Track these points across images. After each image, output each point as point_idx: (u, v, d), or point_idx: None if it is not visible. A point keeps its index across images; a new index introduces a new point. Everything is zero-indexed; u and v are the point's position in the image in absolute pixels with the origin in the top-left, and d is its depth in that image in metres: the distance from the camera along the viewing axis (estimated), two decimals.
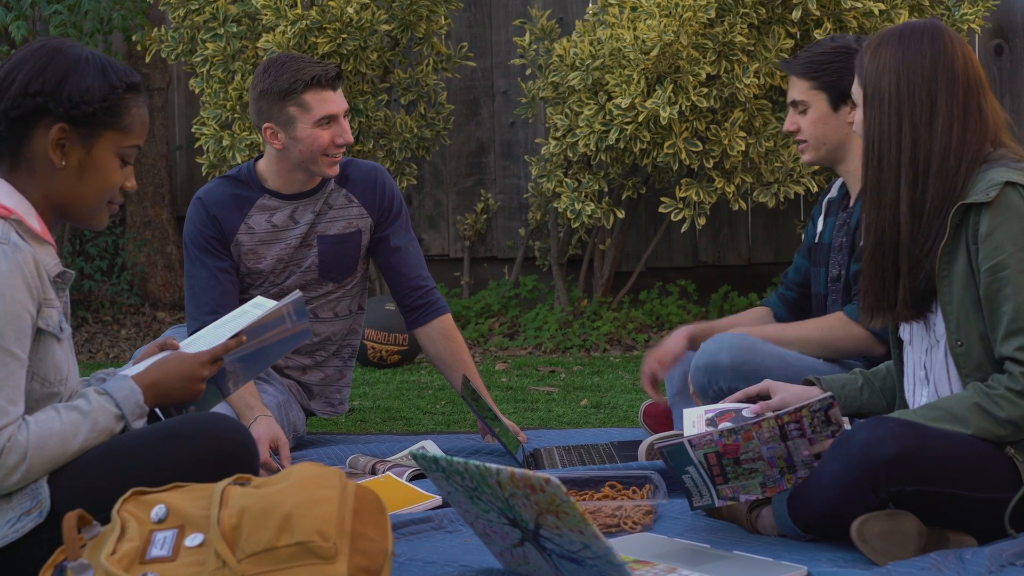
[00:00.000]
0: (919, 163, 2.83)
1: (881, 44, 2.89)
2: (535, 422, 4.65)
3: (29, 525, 2.46)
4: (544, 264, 6.77)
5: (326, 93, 3.88)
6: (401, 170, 6.32)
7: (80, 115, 2.55)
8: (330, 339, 4.15)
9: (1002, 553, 2.68)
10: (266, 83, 3.89)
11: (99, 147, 2.58)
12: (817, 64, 3.75)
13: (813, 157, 3.79)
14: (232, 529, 2.23)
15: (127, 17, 6.52)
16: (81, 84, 2.55)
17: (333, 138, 3.90)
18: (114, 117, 2.58)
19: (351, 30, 5.83)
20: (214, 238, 4.01)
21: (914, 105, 2.84)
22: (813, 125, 3.76)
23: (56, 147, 2.56)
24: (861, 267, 2.96)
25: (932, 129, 2.83)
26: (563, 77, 5.98)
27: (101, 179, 2.60)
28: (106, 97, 2.56)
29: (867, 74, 2.89)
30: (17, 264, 2.46)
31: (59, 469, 2.51)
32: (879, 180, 2.87)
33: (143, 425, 2.62)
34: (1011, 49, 6.84)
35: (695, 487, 2.88)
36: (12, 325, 2.45)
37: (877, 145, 2.87)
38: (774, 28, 5.83)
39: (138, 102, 2.61)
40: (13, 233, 2.50)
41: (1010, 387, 2.74)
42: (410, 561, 2.78)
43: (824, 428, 2.81)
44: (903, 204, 2.84)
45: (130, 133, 2.61)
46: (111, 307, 6.91)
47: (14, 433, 2.45)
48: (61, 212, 2.62)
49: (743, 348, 3.51)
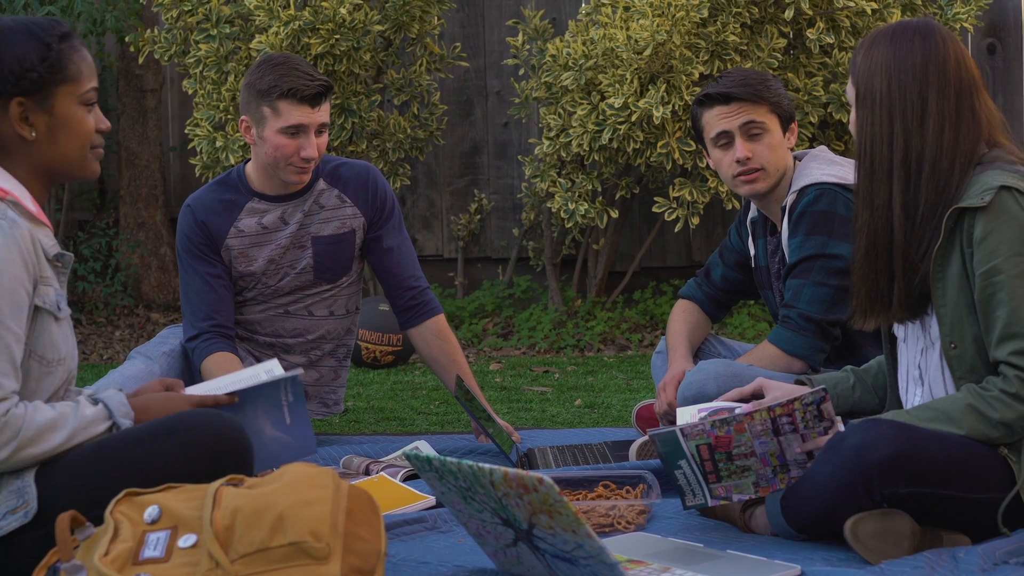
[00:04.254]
0: (911, 164, 2.82)
1: (873, 44, 2.88)
2: (529, 422, 4.65)
3: (14, 524, 2.46)
4: (538, 264, 6.77)
5: (303, 107, 3.85)
6: (395, 170, 6.32)
7: (29, 84, 2.55)
8: (325, 337, 4.15)
9: (995, 551, 2.68)
10: (252, 77, 3.90)
11: (59, 105, 2.59)
12: (767, 87, 3.69)
13: (767, 186, 3.70)
14: (225, 530, 2.23)
15: (120, 18, 6.52)
16: (16, 54, 2.55)
17: (298, 149, 3.88)
18: (61, 72, 2.58)
19: (344, 31, 5.83)
20: (204, 244, 4.02)
21: (905, 106, 2.83)
22: (771, 151, 3.68)
23: (21, 121, 2.56)
24: (852, 268, 2.95)
25: (923, 130, 2.82)
26: (556, 77, 5.98)
27: (75, 132, 2.61)
28: (45, 57, 2.56)
29: (859, 74, 2.87)
30: (14, 239, 2.47)
31: (52, 468, 2.51)
32: (871, 182, 2.85)
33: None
34: (1004, 48, 6.84)
35: (688, 485, 2.89)
36: (7, 299, 2.45)
37: (869, 146, 2.85)
38: (767, 27, 5.83)
39: (75, 47, 2.61)
40: (10, 211, 2.50)
41: (1004, 389, 2.74)
42: (403, 561, 2.77)
43: (816, 423, 2.81)
44: (896, 206, 2.82)
45: (80, 79, 2.61)
46: (105, 308, 6.90)
47: (11, 407, 2.45)
48: (52, 177, 2.63)
49: (729, 375, 3.48)
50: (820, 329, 3.63)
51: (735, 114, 3.67)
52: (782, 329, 3.66)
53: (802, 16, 5.81)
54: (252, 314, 4.10)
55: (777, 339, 3.65)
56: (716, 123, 3.69)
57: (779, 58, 5.77)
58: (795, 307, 3.64)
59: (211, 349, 3.94)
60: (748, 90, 3.66)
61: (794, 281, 3.65)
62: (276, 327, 4.11)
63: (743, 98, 3.66)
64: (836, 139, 6.00)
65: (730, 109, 3.67)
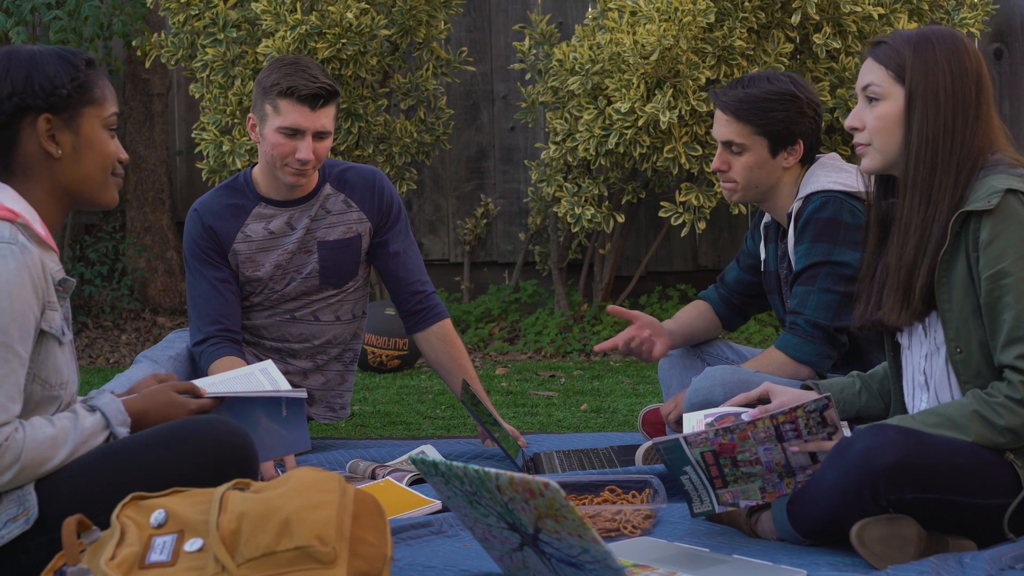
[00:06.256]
0: (967, 163, 2.83)
1: (922, 43, 2.86)
2: (535, 426, 4.65)
3: (16, 531, 2.47)
4: (544, 269, 6.77)
5: (302, 108, 3.85)
6: (401, 175, 6.33)
7: (58, 101, 2.60)
8: (331, 342, 4.15)
9: (1001, 557, 2.68)
10: (261, 75, 3.93)
11: (85, 125, 2.64)
12: (761, 110, 3.67)
13: (741, 198, 3.74)
14: (231, 534, 2.23)
15: (127, 22, 6.53)
16: (47, 73, 2.60)
17: (294, 151, 3.89)
18: (87, 93, 2.64)
19: (351, 35, 5.83)
20: (211, 249, 4.02)
21: (968, 104, 2.84)
22: (748, 169, 3.69)
23: (48, 138, 2.60)
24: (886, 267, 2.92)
25: (975, 131, 2.84)
26: (563, 82, 5.98)
27: (98, 153, 2.66)
28: (74, 77, 2.62)
29: (914, 70, 2.85)
30: (25, 264, 2.48)
31: (56, 475, 2.52)
32: (931, 178, 2.84)
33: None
34: (1011, 53, 6.84)
35: (695, 490, 2.88)
36: (16, 323, 2.47)
37: (931, 142, 2.84)
38: (773, 32, 5.83)
39: (100, 74, 2.69)
40: (21, 235, 2.51)
41: (1010, 395, 2.73)
42: (409, 565, 2.78)
43: (820, 430, 2.81)
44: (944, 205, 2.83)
45: (105, 103, 2.67)
46: (111, 312, 6.91)
47: (12, 433, 2.46)
48: (72, 199, 2.66)
49: (736, 382, 3.47)
50: (827, 335, 3.63)
51: (722, 126, 3.71)
52: (789, 335, 3.66)
53: (809, 21, 5.81)
54: (258, 319, 4.10)
55: (784, 345, 3.65)
56: (715, 126, 3.75)
57: (786, 63, 5.77)
58: (802, 313, 3.64)
59: (218, 353, 3.94)
60: (737, 107, 3.67)
61: (800, 288, 3.65)
62: (282, 332, 4.11)
63: (730, 113, 3.68)
64: (843, 144, 6.00)
65: (722, 118, 3.71)
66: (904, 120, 2.86)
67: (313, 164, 3.89)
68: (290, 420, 3.01)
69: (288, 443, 3.02)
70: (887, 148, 2.89)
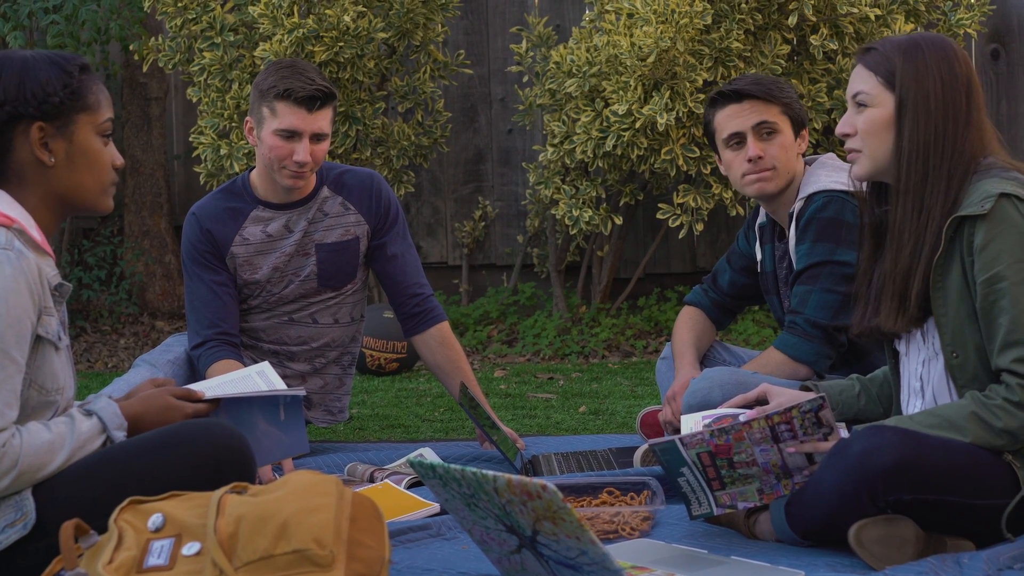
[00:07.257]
0: (959, 168, 2.83)
1: (912, 49, 2.86)
2: (533, 429, 4.65)
3: (13, 537, 2.47)
4: (542, 271, 6.77)
5: (299, 110, 3.86)
6: (399, 178, 6.33)
7: (51, 108, 2.58)
8: (329, 345, 4.15)
9: (999, 557, 2.68)
10: (260, 78, 3.93)
11: (79, 133, 2.62)
12: (782, 89, 3.71)
13: (776, 187, 3.70)
14: (229, 537, 2.23)
15: (124, 27, 6.53)
16: (39, 80, 2.59)
17: (291, 153, 3.88)
18: (81, 100, 2.62)
19: (348, 38, 5.83)
20: (209, 252, 4.02)
21: (958, 111, 2.84)
22: (784, 151, 3.68)
23: (41, 146, 2.58)
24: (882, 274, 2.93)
25: (966, 136, 2.83)
26: (560, 84, 5.99)
27: (93, 161, 2.64)
28: (67, 83, 2.60)
29: (904, 77, 2.85)
30: (21, 270, 2.48)
31: (54, 480, 2.51)
32: (924, 185, 2.84)
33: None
34: (1008, 54, 6.84)
35: (692, 492, 2.88)
36: (13, 329, 2.46)
37: (922, 149, 2.84)
38: (771, 34, 5.84)
39: (94, 80, 2.66)
40: (17, 240, 2.51)
41: (1007, 398, 2.73)
42: (408, 568, 2.78)
43: (815, 430, 2.81)
44: (937, 211, 2.83)
45: (99, 109, 2.65)
46: (109, 316, 6.91)
47: (8, 439, 2.46)
48: (66, 206, 2.65)
49: (734, 383, 3.47)
50: (826, 335, 3.63)
51: (748, 113, 3.68)
52: (788, 335, 3.66)
53: (806, 22, 5.81)
54: (257, 322, 4.10)
55: (783, 345, 3.65)
56: (729, 124, 3.70)
57: (783, 64, 5.78)
58: (802, 313, 3.64)
59: (216, 357, 3.94)
60: (761, 89, 3.68)
61: (801, 287, 3.65)
62: (280, 335, 4.11)
63: (756, 96, 3.67)
64: (840, 145, 6.00)
65: (743, 108, 3.68)
66: (895, 126, 2.86)
67: (310, 166, 3.90)
68: (288, 423, 3.01)
69: (286, 446, 3.02)
70: (877, 153, 2.89)
